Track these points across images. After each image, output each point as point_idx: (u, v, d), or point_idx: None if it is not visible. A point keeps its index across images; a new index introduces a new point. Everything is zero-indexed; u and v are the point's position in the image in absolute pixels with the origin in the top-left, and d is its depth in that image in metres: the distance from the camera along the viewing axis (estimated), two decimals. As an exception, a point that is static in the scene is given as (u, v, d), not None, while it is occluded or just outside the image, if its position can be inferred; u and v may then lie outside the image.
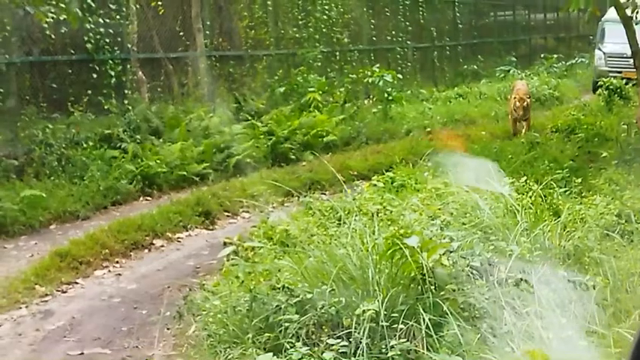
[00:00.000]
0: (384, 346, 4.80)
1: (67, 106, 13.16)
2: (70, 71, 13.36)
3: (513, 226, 6.21)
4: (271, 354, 4.64)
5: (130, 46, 14.47)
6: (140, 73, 15.67)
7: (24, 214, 10.48)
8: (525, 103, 14.03)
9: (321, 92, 16.85)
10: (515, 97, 14.19)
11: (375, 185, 9.15)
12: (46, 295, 8.01)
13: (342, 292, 5.26)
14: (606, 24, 21.80)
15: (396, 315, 4.86)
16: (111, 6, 13.98)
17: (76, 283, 8.45)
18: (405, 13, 23.39)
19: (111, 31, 13.88)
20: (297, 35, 18.73)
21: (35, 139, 12.18)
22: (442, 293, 4.98)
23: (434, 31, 25.09)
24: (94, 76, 13.57)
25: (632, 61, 12.57)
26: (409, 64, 23.60)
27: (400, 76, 22.14)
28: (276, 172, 13.07)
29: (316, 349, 4.92)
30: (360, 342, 4.83)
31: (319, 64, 18.89)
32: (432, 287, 5.08)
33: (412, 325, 4.87)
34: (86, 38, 13.33)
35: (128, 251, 9.44)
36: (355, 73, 18.33)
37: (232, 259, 7.23)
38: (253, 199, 10.63)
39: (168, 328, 6.70)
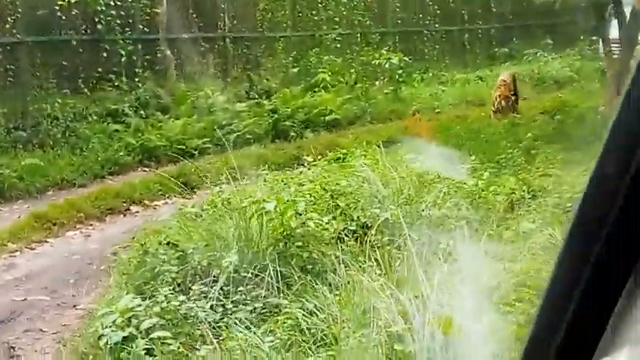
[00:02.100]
0: (239, 292, 5.56)
1: (78, 82, 14.13)
2: (81, 50, 14.25)
3: (400, 197, 6.89)
4: (132, 295, 5.44)
5: (140, 27, 15.33)
6: (168, 52, 16.65)
7: (22, 181, 11.49)
8: (508, 99, 14.28)
9: (330, 73, 17.53)
10: (497, 93, 14.49)
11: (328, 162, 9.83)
12: (16, 251, 8.97)
13: (219, 247, 6.03)
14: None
15: (246, 266, 5.62)
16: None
17: (47, 241, 9.40)
18: (432, -4, 23.83)
19: (122, 13, 14.78)
20: (315, 18, 19.37)
21: (43, 112, 13.19)
22: (291, 250, 5.72)
23: (465, 14, 25.41)
24: (105, 55, 14.49)
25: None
26: (437, 46, 24.01)
27: (427, 58, 22.85)
28: (267, 148, 13.85)
29: (187, 293, 5.71)
30: (221, 288, 5.60)
31: (338, 46, 19.54)
32: (291, 244, 5.82)
33: (266, 276, 5.62)
34: (97, 19, 14.27)
35: (104, 215, 10.35)
36: (365, 56, 18.92)
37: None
38: (236, 171, 11.42)
39: (101, 280, 7.57)
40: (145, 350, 5.07)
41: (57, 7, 13.43)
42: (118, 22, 14.71)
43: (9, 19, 12.92)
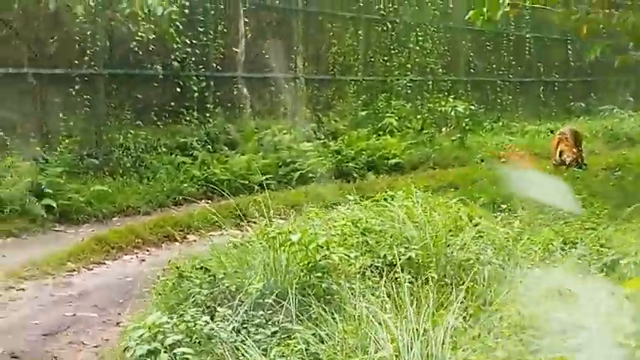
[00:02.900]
0: (260, 317, 5.93)
1: (151, 115, 14.83)
2: (156, 84, 14.96)
3: (431, 238, 7.19)
4: (160, 312, 5.85)
5: (214, 65, 16.00)
6: (245, 89, 17.33)
7: (90, 206, 12.15)
8: (568, 152, 14.23)
9: (397, 118, 17.93)
10: (556, 147, 14.45)
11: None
12: (74, 270, 9.53)
13: (248, 274, 6.42)
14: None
15: (269, 293, 5.99)
16: (199, 28, 15.57)
17: (104, 263, 9.95)
18: (508, 47, 24.07)
19: (197, 51, 15.47)
20: (387, 64, 19.82)
21: (116, 142, 13.89)
22: (312, 280, 6.08)
23: (541, 66, 25.56)
24: (179, 90, 15.17)
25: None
26: (510, 97, 24.22)
27: (499, 107, 23.06)
28: (326, 187, 14.22)
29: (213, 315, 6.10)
30: (245, 311, 5.98)
31: (408, 92, 19.97)
32: (312, 275, 6.18)
33: (286, 303, 5.97)
34: (173, 56, 14.97)
35: (160, 242, 10.86)
36: (433, 103, 19.24)
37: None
38: (292, 207, 11.90)
39: (146, 301, 8.01)
40: (167, 364, 5.47)
41: (135, 43, 14.10)
42: (193, 59, 15.39)
43: (88, 51, 13.67)
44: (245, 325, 5.89)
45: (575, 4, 12.71)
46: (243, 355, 5.44)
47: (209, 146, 14.97)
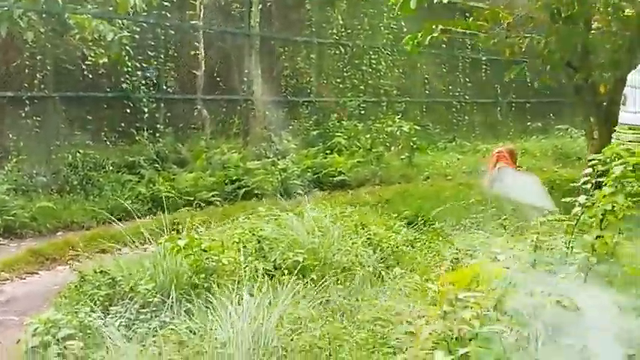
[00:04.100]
0: (147, 314, 6.52)
1: (101, 135, 15.42)
2: (105, 106, 15.58)
3: (322, 244, 7.80)
4: (55, 310, 6.44)
5: (164, 87, 16.63)
6: (204, 111, 17.96)
7: (35, 221, 12.70)
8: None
9: (347, 137, 18.57)
10: (492, 165, 14.98)
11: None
12: (7, 279, 10.09)
13: (141, 276, 7.02)
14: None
15: (155, 292, 6.58)
16: (149, 52, 16.22)
17: (37, 273, 10.50)
18: (464, 69, 24.77)
19: (147, 74, 16.12)
20: (340, 85, 20.48)
21: (64, 161, 14.46)
22: (195, 281, 6.68)
23: (498, 87, 26.22)
24: (129, 111, 15.79)
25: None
26: (466, 117, 24.88)
27: (455, 128, 23.71)
28: (266, 203, 14.81)
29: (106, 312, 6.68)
30: (135, 309, 6.56)
31: (362, 112, 20.60)
32: (196, 276, 6.78)
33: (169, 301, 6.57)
34: (123, 79, 15.59)
35: (94, 254, 11.40)
36: (381, 123, 19.87)
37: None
38: (225, 220, 12.50)
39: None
40: (56, 354, 6.05)
41: (85, 66, 14.74)
42: (144, 81, 16.01)
43: (38, 75, 14.27)
44: (132, 321, 6.47)
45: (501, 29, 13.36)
46: (122, 345, 6.01)
47: (157, 165, 15.52)
